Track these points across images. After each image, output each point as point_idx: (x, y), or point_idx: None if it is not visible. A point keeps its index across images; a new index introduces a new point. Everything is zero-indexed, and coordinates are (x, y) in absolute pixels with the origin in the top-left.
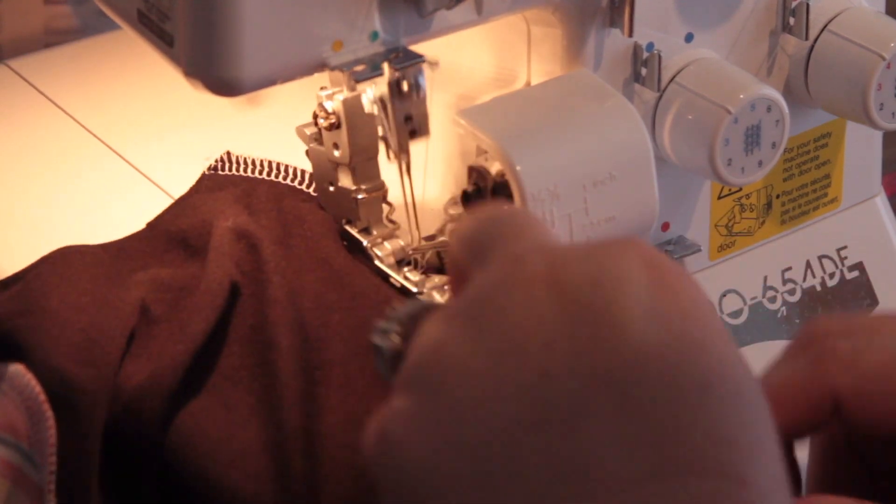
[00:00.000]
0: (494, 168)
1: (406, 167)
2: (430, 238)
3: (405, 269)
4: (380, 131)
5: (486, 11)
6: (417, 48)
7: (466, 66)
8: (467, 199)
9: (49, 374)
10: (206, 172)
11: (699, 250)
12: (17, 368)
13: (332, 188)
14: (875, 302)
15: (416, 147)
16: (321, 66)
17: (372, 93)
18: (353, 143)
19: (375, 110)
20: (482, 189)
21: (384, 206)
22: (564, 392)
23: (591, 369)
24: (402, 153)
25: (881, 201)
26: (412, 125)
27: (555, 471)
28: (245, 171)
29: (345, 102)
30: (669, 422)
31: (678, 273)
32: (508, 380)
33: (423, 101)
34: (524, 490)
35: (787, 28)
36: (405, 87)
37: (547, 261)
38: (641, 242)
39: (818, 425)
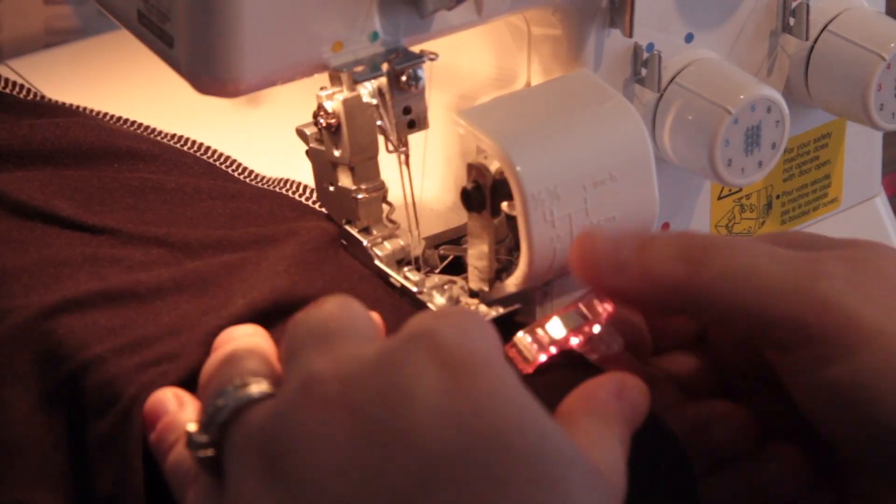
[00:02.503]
0: (494, 166)
1: (405, 159)
2: (434, 237)
3: (405, 268)
4: (378, 123)
5: (487, 12)
6: (417, 49)
7: (466, 66)
8: (467, 196)
9: None
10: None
11: None
12: None
13: (332, 188)
14: None
15: (415, 146)
16: (321, 67)
17: (371, 85)
18: (353, 144)
19: (374, 102)
20: (481, 187)
21: (384, 206)
22: None
23: (383, 490)
24: (400, 145)
25: (881, 201)
26: (411, 117)
27: None
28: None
29: (345, 103)
30: None
31: (475, 361)
32: None
33: (421, 93)
34: None
35: (787, 28)
36: (404, 78)
37: (340, 378)
38: (436, 335)
39: (675, 310)
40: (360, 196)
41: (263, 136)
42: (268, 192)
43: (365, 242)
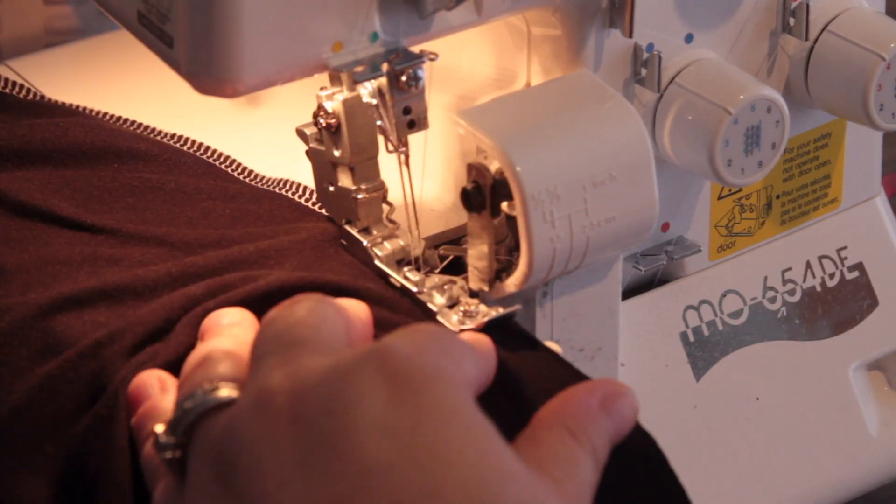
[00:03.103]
0: (494, 166)
1: (405, 159)
2: (434, 237)
3: (405, 268)
4: (378, 123)
5: (486, 12)
6: (417, 49)
7: (466, 66)
8: (467, 197)
9: None
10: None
11: (699, 251)
12: None
13: (332, 188)
14: (875, 302)
15: (415, 146)
16: (321, 67)
17: (371, 85)
18: (353, 144)
19: (374, 102)
20: (481, 187)
21: (384, 206)
22: None
23: (322, 499)
24: (400, 145)
25: (881, 202)
26: (411, 117)
27: None
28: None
29: (345, 103)
30: None
31: (423, 377)
32: None
33: (421, 93)
34: None
35: (787, 28)
36: (404, 78)
37: (291, 392)
38: (388, 350)
39: None
40: (360, 196)
41: (263, 136)
42: (267, 192)
43: (365, 242)
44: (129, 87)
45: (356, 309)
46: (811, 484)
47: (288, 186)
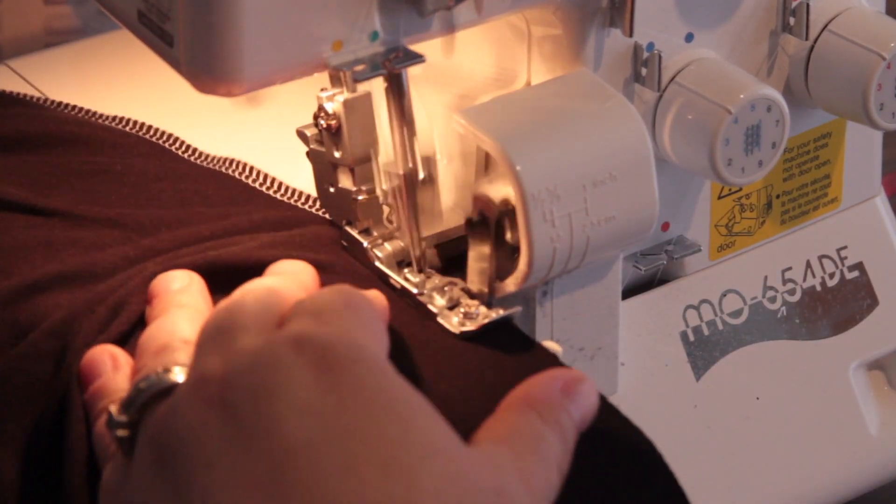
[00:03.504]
0: (499, 197)
1: (404, 163)
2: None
3: (405, 269)
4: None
5: (487, 11)
6: (417, 48)
7: (466, 66)
8: (472, 227)
9: None
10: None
11: (699, 250)
12: None
13: (332, 189)
14: (875, 302)
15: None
16: (321, 66)
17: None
18: (353, 145)
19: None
20: (487, 219)
21: (384, 207)
22: (220, 501)
23: (245, 479)
24: (399, 142)
25: (881, 201)
26: (411, 115)
27: None
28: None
29: (345, 104)
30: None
31: (348, 359)
32: (176, 495)
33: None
34: None
35: (787, 28)
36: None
37: (222, 378)
38: (314, 335)
39: None
40: (360, 197)
41: (263, 137)
42: (214, 172)
43: (365, 244)
44: (129, 86)
45: (311, 283)
46: (811, 484)
47: (234, 166)
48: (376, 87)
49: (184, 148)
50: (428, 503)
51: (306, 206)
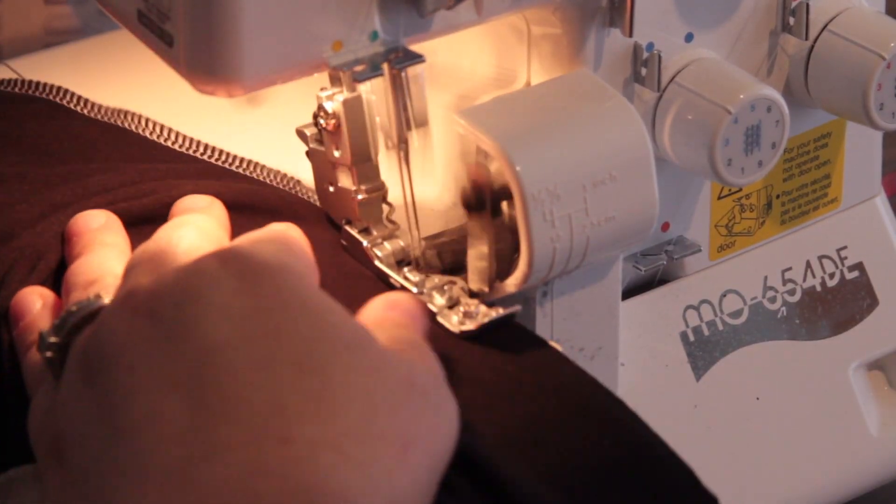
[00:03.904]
0: (494, 166)
1: (404, 156)
2: (434, 237)
3: (405, 269)
4: (378, 120)
5: (486, 11)
6: (417, 48)
7: (466, 66)
8: (466, 197)
9: None
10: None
11: (699, 250)
12: None
13: (332, 189)
14: (875, 302)
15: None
16: (321, 67)
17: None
18: (353, 144)
19: (374, 99)
20: (481, 187)
21: (384, 206)
22: (141, 402)
23: (165, 379)
24: (400, 143)
25: (881, 201)
26: (410, 115)
27: (116, 466)
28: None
29: (345, 103)
30: (230, 401)
31: (268, 269)
32: (100, 402)
33: (421, 91)
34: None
35: (787, 28)
36: (404, 76)
37: (151, 290)
38: (238, 249)
39: None
40: (360, 197)
41: (263, 136)
42: (109, 126)
43: (365, 243)
44: (129, 86)
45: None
46: (811, 484)
47: (129, 118)
48: (377, 87)
49: (80, 103)
50: (340, 395)
51: (213, 160)
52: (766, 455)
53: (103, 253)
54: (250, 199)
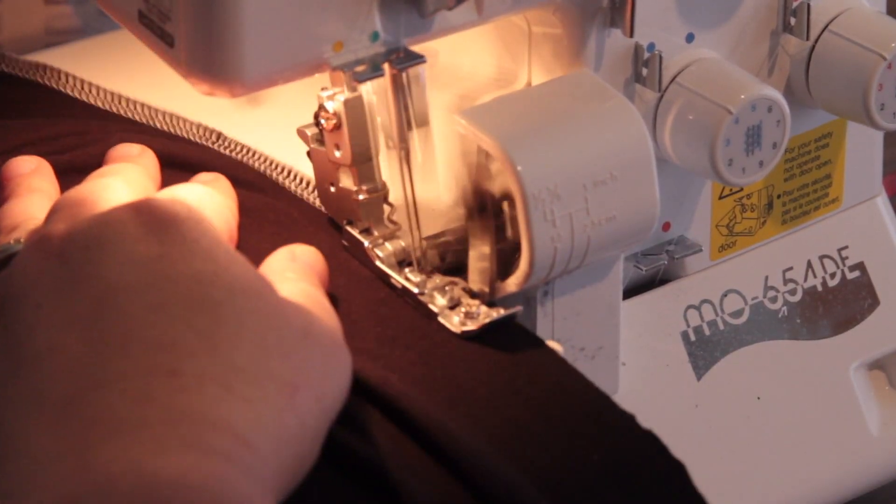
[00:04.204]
0: (495, 166)
1: (405, 155)
2: (434, 237)
3: (406, 269)
4: (378, 121)
5: (487, 12)
6: (418, 48)
7: (467, 66)
8: (467, 197)
9: None
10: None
11: (700, 250)
12: None
13: (333, 189)
14: (876, 302)
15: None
16: (322, 67)
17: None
18: (354, 144)
19: (374, 99)
20: (482, 188)
21: (385, 206)
22: (42, 336)
23: (66, 317)
24: (401, 143)
25: (882, 201)
26: (411, 115)
27: (15, 396)
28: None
29: (346, 103)
30: (124, 338)
31: (175, 220)
32: (6, 337)
33: (422, 91)
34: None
35: (788, 28)
36: (405, 76)
37: (64, 235)
38: (150, 201)
39: None
40: (361, 197)
41: (264, 136)
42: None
43: (366, 243)
44: (129, 87)
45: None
46: (811, 484)
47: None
48: (378, 88)
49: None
50: (231, 335)
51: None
52: (766, 455)
53: (30, 199)
54: (183, 154)
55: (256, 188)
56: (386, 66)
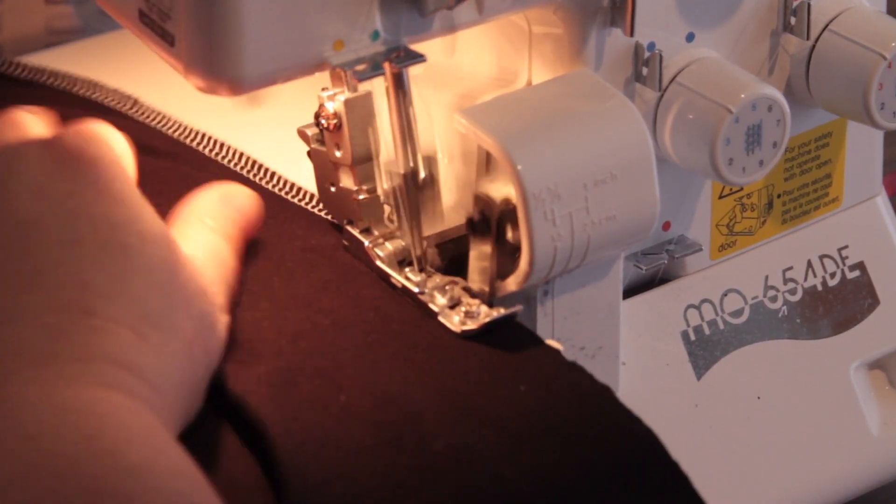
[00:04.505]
0: (500, 196)
1: (405, 162)
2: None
3: (406, 269)
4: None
5: (487, 11)
6: (418, 48)
7: (467, 65)
8: (473, 227)
9: None
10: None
11: (700, 250)
12: None
13: (333, 189)
14: (876, 301)
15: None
16: (322, 66)
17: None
18: (354, 144)
19: (374, 99)
20: (488, 218)
21: (385, 206)
22: None
23: None
24: (401, 142)
25: (882, 201)
26: (412, 115)
27: None
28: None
29: (346, 103)
30: (35, 272)
31: (84, 159)
32: None
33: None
34: None
35: (788, 28)
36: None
37: None
38: (60, 138)
39: None
40: (361, 197)
41: (264, 136)
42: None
43: (366, 243)
44: (129, 86)
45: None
46: (811, 484)
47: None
48: (377, 87)
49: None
50: (141, 282)
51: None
52: (766, 454)
53: None
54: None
55: (170, 156)
56: (386, 66)
